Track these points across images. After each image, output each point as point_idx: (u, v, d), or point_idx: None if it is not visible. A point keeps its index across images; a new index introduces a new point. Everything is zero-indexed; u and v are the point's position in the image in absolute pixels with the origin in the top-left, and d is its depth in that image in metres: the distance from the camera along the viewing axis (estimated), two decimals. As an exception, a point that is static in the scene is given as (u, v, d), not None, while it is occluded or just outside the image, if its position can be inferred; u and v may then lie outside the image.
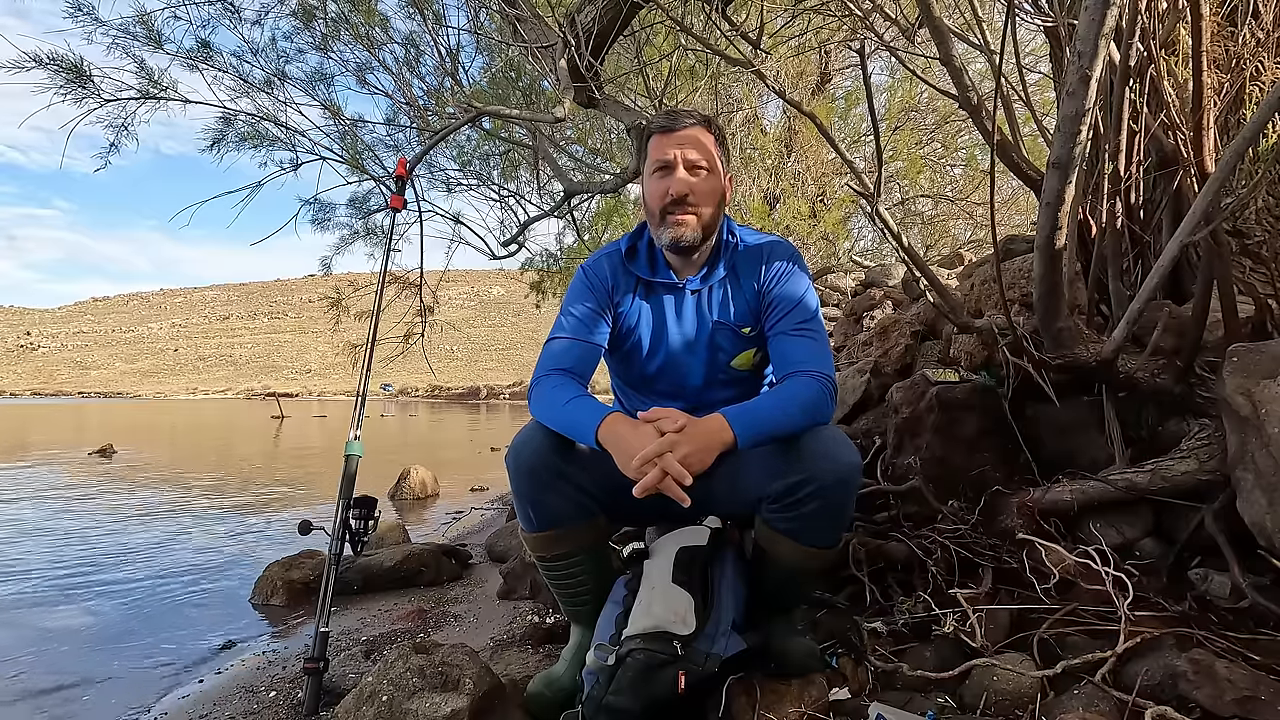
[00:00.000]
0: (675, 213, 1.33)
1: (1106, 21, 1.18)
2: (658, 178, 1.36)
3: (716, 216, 1.39)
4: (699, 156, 1.34)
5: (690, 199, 1.33)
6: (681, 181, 1.33)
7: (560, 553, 1.33)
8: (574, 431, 1.23)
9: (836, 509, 1.21)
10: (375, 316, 1.90)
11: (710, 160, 1.36)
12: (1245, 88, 1.71)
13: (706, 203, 1.35)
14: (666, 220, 1.34)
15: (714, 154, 1.37)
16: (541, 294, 6.36)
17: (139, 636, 2.23)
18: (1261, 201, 1.78)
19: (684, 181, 1.33)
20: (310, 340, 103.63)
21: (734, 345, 1.43)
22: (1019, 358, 1.84)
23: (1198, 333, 1.48)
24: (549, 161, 4.40)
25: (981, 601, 1.44)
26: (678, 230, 1.34)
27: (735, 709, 1.22)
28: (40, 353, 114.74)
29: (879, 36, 2.42)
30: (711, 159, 1.36)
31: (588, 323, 1.39)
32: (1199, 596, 1.38)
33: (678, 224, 1.34)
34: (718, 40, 2.99)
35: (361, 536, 1.65)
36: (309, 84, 3.76)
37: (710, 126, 1.39)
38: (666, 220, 1.34)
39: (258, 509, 4.63)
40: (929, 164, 7.94)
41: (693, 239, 1.35)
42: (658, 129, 1.37)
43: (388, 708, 1.21)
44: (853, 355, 3.16)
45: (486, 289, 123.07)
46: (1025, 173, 1.92)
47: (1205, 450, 1.46)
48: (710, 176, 1.36)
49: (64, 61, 2.74)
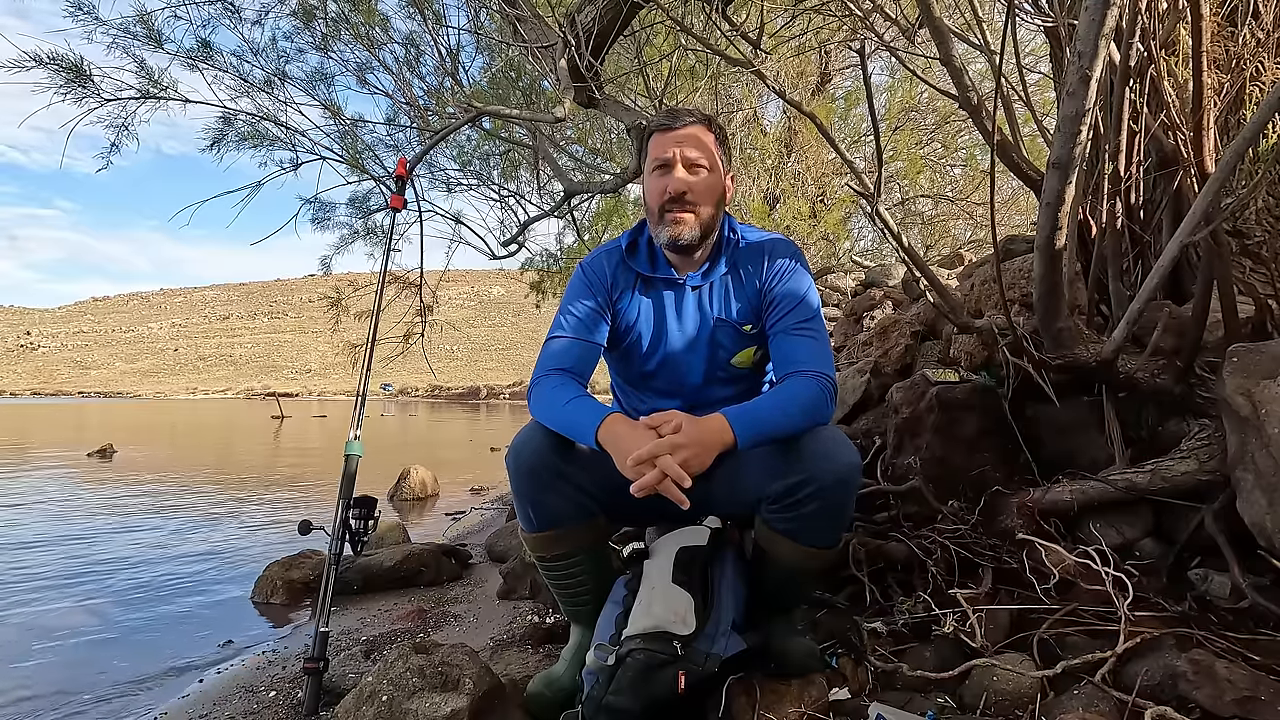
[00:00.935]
0: (673, 210, 1.33)
1: (1106, 21, 1.18)
2: (657, 175, 1.36)
3: (716, 215, 1.38)
4: (698, 155, 1.34)
5: (689, 197, 1.33)
6: (680, 180, 1.33)
7: (560, 553, 1.33)
8: (574, 432, 1.23)
9: (836, 509, 1.21)
10: (375, 316, 1.90)
11: (710, 158, 1.36)
12: (1245, 88, 1.71)
13: (705, 201, 1.35)
14: (665, 218, 1.34)
15: (714, 152, 1.37)
16: (541, 294, 6.36)
17: (139, 636, 2.23)
18: (1261, 201, 1.78)
19: (682, 180, 1.33)
20: (310, 340, 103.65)
21: (735, 343, 1.43)
22: (1019, 358, 1.84)
23: (1198, 333, 1.48)
24: (549, 161, 4.40)
25: (981, 601, 1.44)
26: (676, 229, 1.34)
27: (735, 709, 1.22)
28: (40, 352, 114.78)
29: (879, 36, 2.42)
30: (711, 157, 1.36)
31: (587, 321, 1.39)
32: (1199, 596, 1.38)
33: (676, 222, 1.34)
34: (718, 40, 2.99)
35: (361, 536, 1.65)
36: (309, 84, 3.76)
37: (710, 125, 1.38)
38: (665, 218, 1.34)
39: (258, 509, 4.63)
40: (929, 164, 7.95)
41: (691, 237, 1.35)
42: (658, 127, 1.37)
43: (388, 708, 1.21)
44: (853, 355, 3.16)
45: (486, 289, 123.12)
46: (1025, 173, 1.92)
47: (1205, 450, 1.46)
48: (709, 175, 1.35)
49: (64, 61, 2.74)
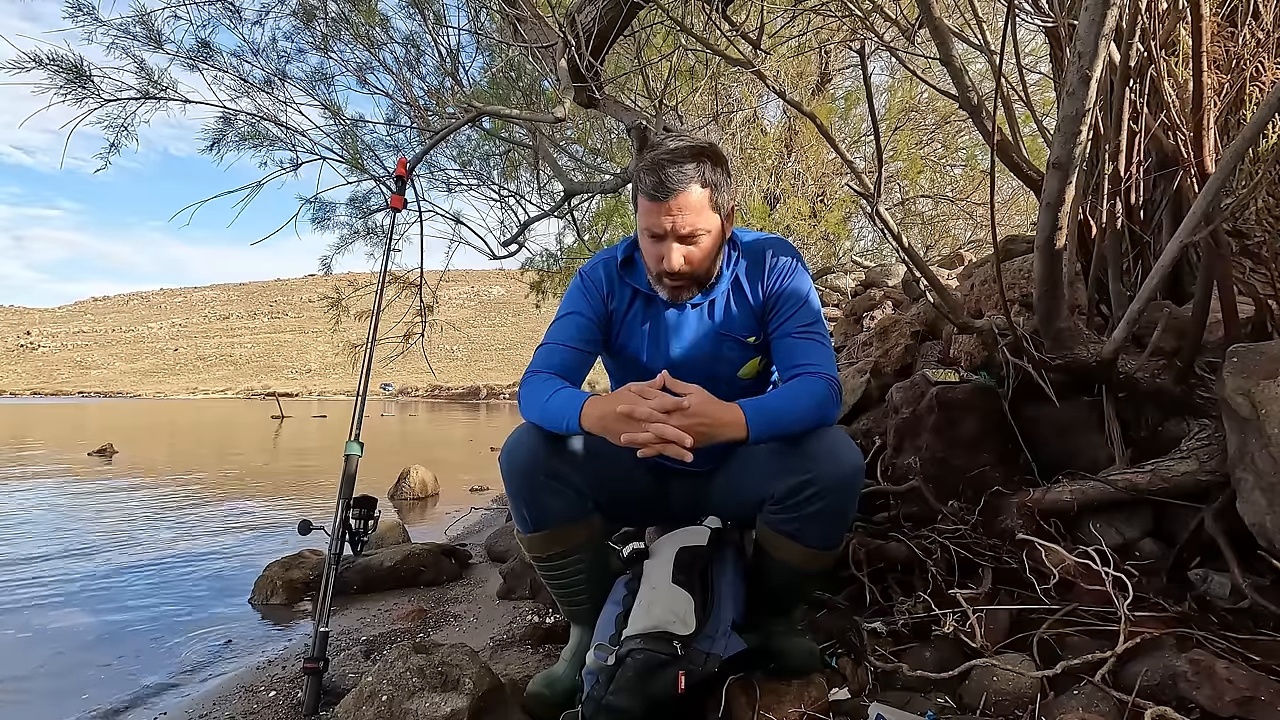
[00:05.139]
0: (671, 281, 1.31)
1: (1106, 21, 1.18)
2: (651, 242, 1.29)
3: (716, 261, 1.35)
4: (693, 227, 1.25)
5: (685, 269, 1.29)
6: (675, 256, 1.26)
7: (556, 552, 1.33)
8: (559, 422, 1.21)
9: (839, 510, 1.21)
10: (375, 316, 1.90)
11: (706, 219, 1.27)
12: (1245, 88, 1.71)
13: (704, 264, 1.31)
14: (663, 282, 1.32)
15: (708, 213, 1.27)
16: (541, 294, 6.35)
17: (139, 636, 2.23)
18: (1261, 201, 1.78)
19: (678, 255, 1.27)
20: (310, 340, 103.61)
21: (740, 356, 1.41)
22: (1019, 358, 1.84)
23: (1198, 333, 1.48)
24: (549, 161, 4.40)
25: (981, 602, 1.44)
26: (675, 294, 1.33)
27: (735, 709, 1.22)
28: (40, 352, 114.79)
29: (879, 37, 2.42)
30: (707, 219, 1.27)
31: (581, 329, 1.38)
32: (1199, 596, 1.38)
33: (675, 288, 1.33)
34: (718, 40, 2.99)
35: (361, 536, 1.65)
36: (309, 84, 3.77)
37: (704, 174, 1.25)
38: (663, 282, 1.32)
39: (257, 509, 4.63)
40: (929, 164, 7.95)
41: (690, 297, 1.35)
42: (645, 194, 1.26)
43: (388, 708, 1.21)
44: (853, 355, 3.16)
45: (486, 289, 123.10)
46: (1025, 173, 1.92)
47: (1205, 450, 1.46)
48: (706, 237, 1.28)
49: (64, 61, 2.74)
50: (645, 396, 1.12)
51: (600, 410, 1.15)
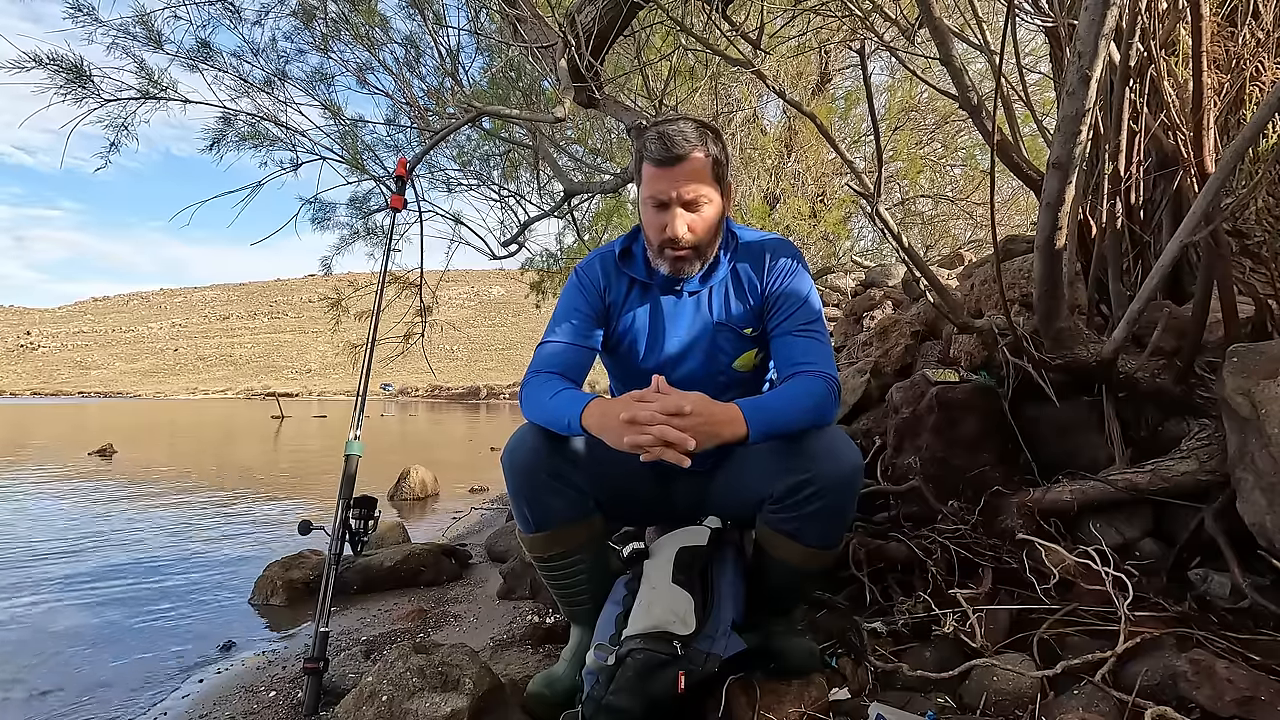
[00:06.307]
0: (674, 250, 1.31)
1: (1106, 21, 1.18)
2: (654, 211, 1.30)
3: (717, 237, 1.35)
4: (697, 192, 1.27)
5: (689, 239, 1.29)
6: (680, 223, 1.28)
7: (557, 553, 1.33)
8: (560, 422, 1.22)
9: (839, 509, 1.21)
10: (375, 316, 1.90)
11: (709, 188, 1.30)
12: (1245, 88, 1.71)
13: (706, 235, 1.32)
14: (665, 254, 1.32)
15: (712, 182, 1.30)
16: (541, 294, 6.35)
17: (139, 637, 2.23)
18: (1261, 201, 1.78)
19: (682, 223, 1.28)
20: (310, 340, 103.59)
21: (736, 347, 1.41)
22: (1019, 358, 1.84)
23: (1198, 333, 1.48)
24: (549, 161, 4.40)
25: (981, 602, 1.44)
26: (677, 265, 1.33)
27: (735, 709, 1.22)
28: (40, 352, 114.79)
29: (879, 37, 2.42)
30: (710, 188, 1.30)
31: (579, 327, 1.38)
32: (1199, 596, 1.38)
33: (677, 260, 1.32)
34: (718, 40, 2.99)
35: (361, 536, 1.65)
36: (309, 84, 3.77)
37: (707, 144, 1.29)
38: (665, 254, 1.32)
39: (257, 509, 4.63)
40: (929, 164, 7.95)
41: (692, 272, 1.34)
42: (651, 160, 1.28)
43: (388, 708, 1.21)
44: (853, 355, 3.16)
45: (486, 289, 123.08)
46: (1025, 173, 1.92)
47: (1205, 450, 1.46)
48: (709, 207, 1.30)
49: (64, 61, 2.74)
50: (646, 401, 1.12)
51: (602, 414, 1.15)
